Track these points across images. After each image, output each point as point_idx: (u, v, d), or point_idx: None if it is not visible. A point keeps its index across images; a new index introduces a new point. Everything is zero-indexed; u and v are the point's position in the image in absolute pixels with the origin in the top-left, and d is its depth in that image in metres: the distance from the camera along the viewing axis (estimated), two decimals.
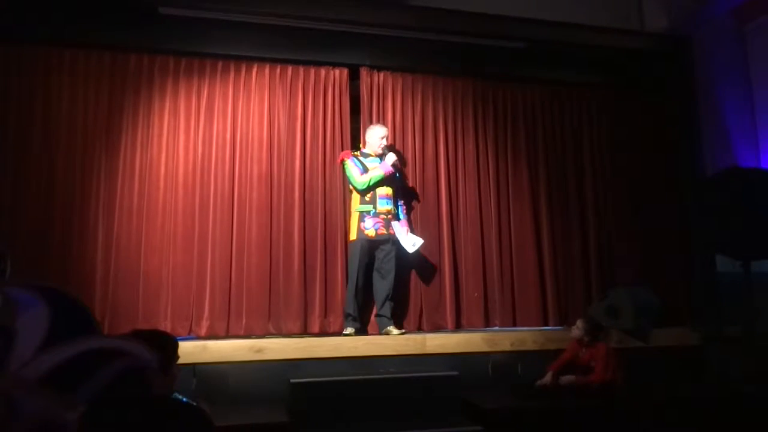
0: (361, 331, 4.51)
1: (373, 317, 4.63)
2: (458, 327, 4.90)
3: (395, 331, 4.36)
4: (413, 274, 4.93)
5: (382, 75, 5.20)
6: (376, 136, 4.70)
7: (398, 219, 4.63)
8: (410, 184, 5.08)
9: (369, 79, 5.16)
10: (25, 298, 0.73)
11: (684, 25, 5.58)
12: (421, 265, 4.95)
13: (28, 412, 0.63)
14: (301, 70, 5.03)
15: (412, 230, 4.79)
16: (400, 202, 4.76)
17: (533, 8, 5.20)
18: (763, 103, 5.61)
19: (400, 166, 4.84)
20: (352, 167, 4.58)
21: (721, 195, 4.70)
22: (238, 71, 4.91)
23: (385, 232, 4.50)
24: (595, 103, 5.70)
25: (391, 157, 4.60)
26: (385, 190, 4.59)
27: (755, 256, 4.68)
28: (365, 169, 4.57)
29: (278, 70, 4.99)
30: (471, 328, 4.90)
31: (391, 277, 4.51)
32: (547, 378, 3.93)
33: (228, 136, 4.79)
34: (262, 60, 4.97)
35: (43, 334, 0.69)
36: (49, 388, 0.64)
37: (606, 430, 3.58)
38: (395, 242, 4.52)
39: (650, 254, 5.44)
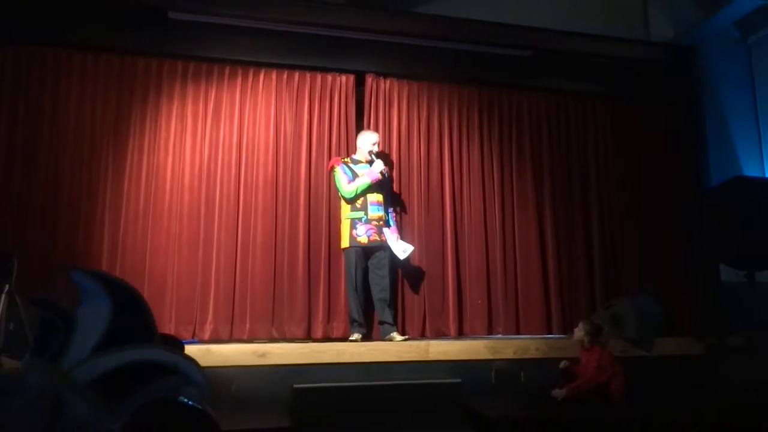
0: (368, 337, 4.51)
1: (377, 324, 4.63)
2: (461, 334, 4.90)
3: (398, 338, 4.36)
4: (416, 280, 4.93)
5: (388, 82, 5.22)
6: (367, 142, 4.69)
7: (388, 226, 4.63)
8: (415, 191, 5.09)
9: (375, 86, 5.18)
10: (90, 286, 0.72)
11: (689, 36, 5.62)
12: (425, 271, 4.95)
13: (73, 415, 0.62)
14: (308, 75, 5.06)
15: (411, 236, 4.79)
16: (390, 209, 4.76)
17: (540, 17, 5.23)
18: (767, 114, 5.63)
19: (388, 173, 4.80)
20: (341, 175, 4.58)
21: (725, 205, 4.72)
22: (245, 76, 4.94)
23: (377, 238, 4.49)
24: (600, 112, 5.72)
25: (379, 165, 4.57)
26: (376, 197, 4.58)
27: (759, 266, 4.68)
28: (354, 176, 4.56)
29: (285, 76, 5.02)
30: (474, 335, 4.90)
31: (386, 283, 4.50)
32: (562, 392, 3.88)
33: (234, 140, 4.81)
34: (269, 65, 4.99)
35: (101, 332, 0.67)
36: (99, 394, 0.63)
37: None
38: (388, 248, 4.52)
39: (654, 263, 5.43)
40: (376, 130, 4.98)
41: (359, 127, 5.10)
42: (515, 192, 5.34)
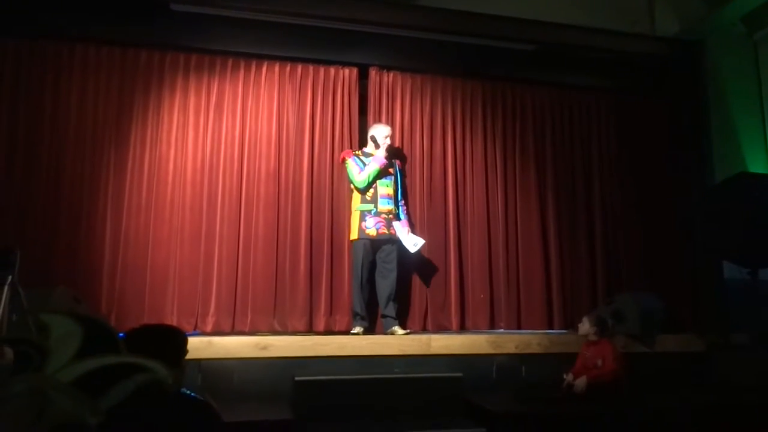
0: (369, 330, 4.51)
1: (379, 317, 4.63)
2: (463, 328, 4.90)
3: (400, 331, 4.36)
4: (419, 274, 4.93)
5: (391, 75, 5.20)
6: (380, 135, 4.69)
7: (399, 219, 4.63)
8: (417, 184, 5.08)
9: (378, 79, 5.16)
10: (56, 317, 0.82)
11: (695, 31, 5.57)
12: (427, 265, 4.95)
13: (58, 409, 0.68)
14: (311, 68, 5.04)
15: (413, 230, 4.80)
16: (401, 202, 4.75)
17: (543, 11, 5.20)
18: None
19: (400, 165, 4.82)
20: (352, 166, 4.59)
21: (729, 201, 4.69)
22: (248, 69, 4.93)
23: (386, 231, 4.49)
24: (604, 106, 5.69)
25: (382, 150, 4.58)
26: (386, 190, 4.59)
27: (763, 264, 4.67)
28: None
29: (288, 69, 5.00)
30: (476, 329, 4.90)
31: (393, 276, 4.51)
32: (570, 378, 3.88)
33: (237, 133, 4.80)
34: (271, 58, 4.98)
35: (75, 350, 0.77)
36: (79, 391, 0.71)
37: None
38: (396, 242, 4.52)
39: (657, 259, 5.42)
40: (380, 123, 4.97)
41: (362, 121, 5.09)
42: (518, 186, 5.33)
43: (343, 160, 4.70)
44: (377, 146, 4.64)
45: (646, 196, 5.54)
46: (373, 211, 4.50)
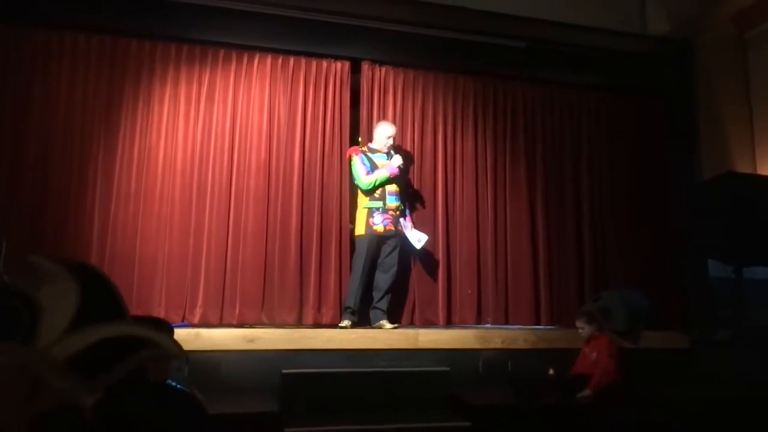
0: (358, 324, 4.53)
1: (370, 309, 4.64)
2: (450, 323, 4.92)
3: (388, 325, 4.38)
4: (406, 269, 4.94)
5: (383, 69, 5.20)
6: (383, 134, 4.68)
7: (405, 216, 4.66)
8: (408, 180, 5.09)
9: (370, 73, 5.15)
10: (52, 269, 0.71)
11: (685, 30, 5.60)
12: (415, 260, 4.96)
13: (51, 391, 0.62)
14: (303, 61, 5.02)
15: (414, 226, 4.82)
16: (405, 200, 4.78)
17: (536, 8, 5.22)
18: (760, 110, 5.65)
19: (405, 165, 4.83)
20: (358, 165, 4.58)
21: (715, 200, 4.74)
22: (239, 60, 4.90)
23: (393, 228, 4.52)
24: (594, 104, 5.72)
25: (398, 159, 4.60)
26: (394, 188, 4.60)
27: (747, 262, 4.72)
28: (372, 166, 4.56)
29: (280, 61, 4.98)
30: (462, 324, 4.93)
31: (394, 271, 4.55)
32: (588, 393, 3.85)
33: (227, 125, 4.78)
34: (263, 50, 4.95)
35: (71, 315, 0.67)
36: (75, 370, 0.64)
37: (595, 428, 3.61)
38: (401, 238, 4.55)
39: (644, 256, 5.46)
40: (371, 118, 4.97)
41: (354, 114, 5.08)
42: (508, 183, 5.35)
43: (350, 157, 4.70)
44: (389, 153, 4.63)
45: (634, 194, 5.58)
46: (381, 208, 4.52)
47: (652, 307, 4.90)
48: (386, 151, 4.66)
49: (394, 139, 4.77)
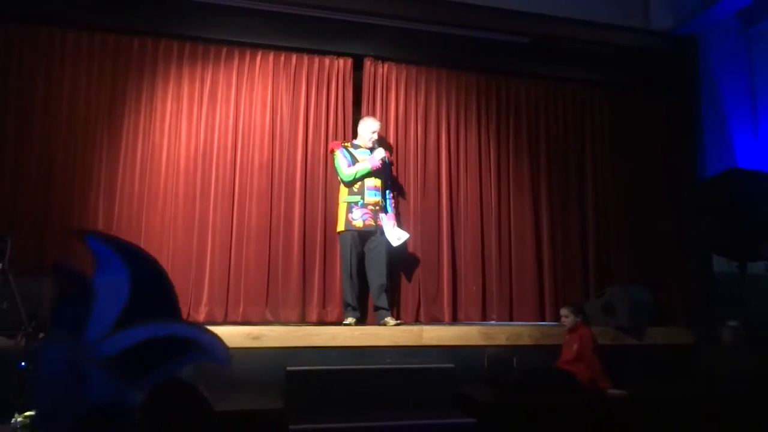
0: (361, 321, 4.53)
1: (372, 308, 4.64)
2: (455, 320, 4.92)
3: (392, 322, 4.38)
4: (412, 266, 4.94)
5: (386, 66, 5.19)
6: (367, 129, 4.69)
7: (386, 211, 4.63)
8: (411, 176, 5.08)
9: (373, 70, 5.14)
10: (105, 252, 0.68)
11: (689, 26, 5.58)
12: (420, 257, 4.96)
13: (96, 388, 0.60)
14: (305, 58, 5.01)
15: (407, 223, 4.80)
16: (389, 195, 4.75)
17: (539, 4, 5.20)
18: (765, 106, 5.63)
19: (390, 159, 4.82)
20: (340, 158, 4.58)
21: (719, 196, 4.74)
22: (242, 58, 4.90)
23: (372, 223, 4.50)
24: (597, 99, 5.70)
25: (380, 152, 4.59)
26: (374, 182, 4.58)
27: (752, 257, 4.72)
28: (354, 161, 4.56)
29: (282, 58, 4.97)
30: (468, 321, 4.92)
31: (382, 268, 4.51)
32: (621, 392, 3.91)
33: (230, 123, 4.78)
34: (266, 47, 4.95)
35: (121, 306, 0.65)
36: (122, 368, 0.62)
37: (597, 425, 3.61)
38: (384, 233, 4.53)
39: (648, 252, 5.45)
40: (374, 114, 4.96)
41: (356, 111, 5.07)
42: (511, 179, 5.34)
43: (332, 151, 4.70)
44: (372, 147, 4.62)
45: (637, 189, 5.56)
46: (359, 203, 4.51)
47: (656, 303, 4.90)
48: (370, 146, 4.66)
49: (378, 134, 4.76)
